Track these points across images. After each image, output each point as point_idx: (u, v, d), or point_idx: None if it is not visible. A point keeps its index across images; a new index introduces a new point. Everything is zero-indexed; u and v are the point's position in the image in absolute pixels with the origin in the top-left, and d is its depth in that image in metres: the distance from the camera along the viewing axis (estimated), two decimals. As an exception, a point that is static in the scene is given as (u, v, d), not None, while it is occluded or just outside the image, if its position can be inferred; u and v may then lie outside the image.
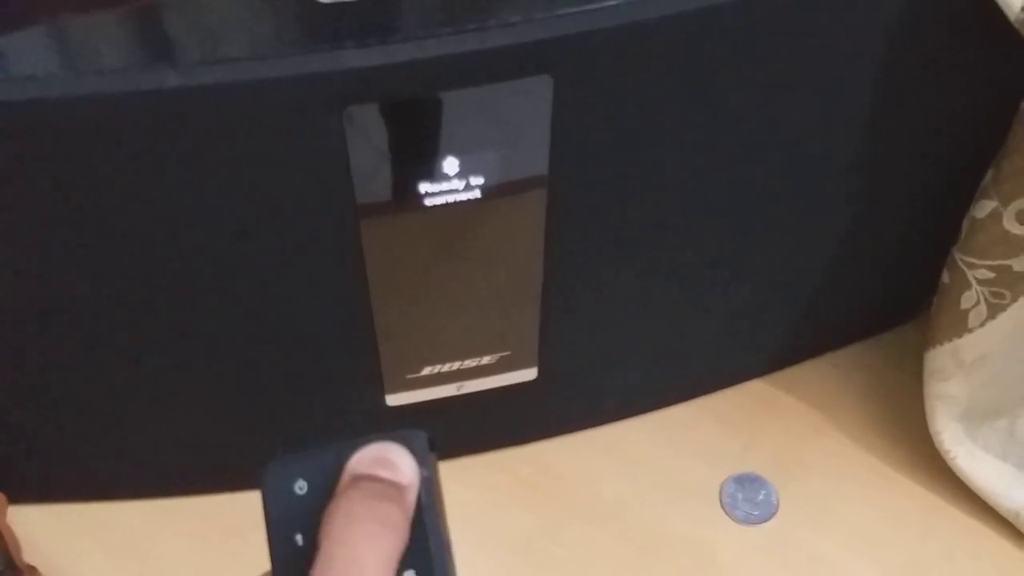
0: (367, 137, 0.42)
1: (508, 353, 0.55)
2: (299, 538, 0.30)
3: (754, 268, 0.58)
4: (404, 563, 0.30)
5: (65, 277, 0.47)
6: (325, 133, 0.41)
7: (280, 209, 0.45)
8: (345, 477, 0.31)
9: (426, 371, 0.54)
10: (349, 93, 0.40)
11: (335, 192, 0.44)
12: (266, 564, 0.31)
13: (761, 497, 0.61)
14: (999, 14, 0.46)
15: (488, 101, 0.42)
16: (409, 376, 0.54)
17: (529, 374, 0.57)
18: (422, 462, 0.31)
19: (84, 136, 0.40)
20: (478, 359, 0.55)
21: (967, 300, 0.55)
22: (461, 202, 0.45)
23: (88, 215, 0.43)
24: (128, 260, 0.46)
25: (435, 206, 0.45)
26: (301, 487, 0.31)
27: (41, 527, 0.59)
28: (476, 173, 0.44)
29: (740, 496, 0.61)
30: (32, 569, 0.56)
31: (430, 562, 0.30)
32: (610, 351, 0.59)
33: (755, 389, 0.67)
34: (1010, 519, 0.59)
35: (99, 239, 0.45)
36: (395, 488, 0.30)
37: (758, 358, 0.66)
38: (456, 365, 0.54)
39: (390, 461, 0.31)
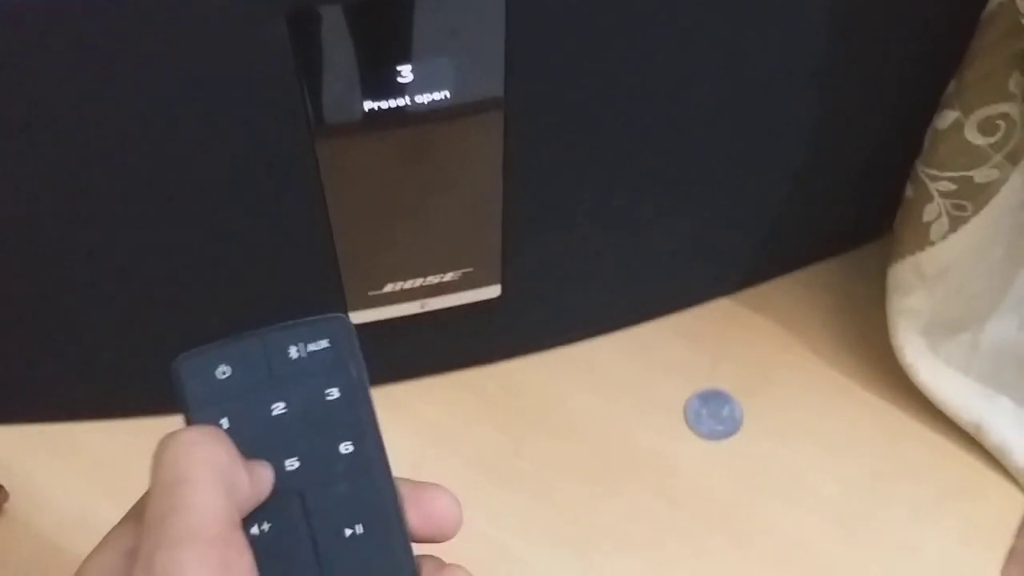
0: (315, 44, 0.41)
1: (471, 270, 0.55)
2: (224, 422, 0.30)
3: (718, 185, 0.58)
4: (340, 435, 0.31)
5: (20, 194, 0.46)
6: (269, 39, 0.41)
7: (232, 125, 0.45)
8: None
9: (388, 288, 0.54)
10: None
11: (285, 104, 0.43)
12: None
13: (726, 413, 0.62)
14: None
15: (442, 4, 0.41)
16: (371, 293, 0.54)
17: (493, 291, 0.57)
18: (346, 344, 0.32)
19: (21, 42, 0.39)
20: (441, 276, 0.54)
21: (929, 213, 0.55)
22: (416, 115, 0.45)
23: (34, 128, 0.43)
24: (79, 178, 0.46)
25: (389, 119, 0.45)
26: (224, 372, 0.31)
27: (8, 447, 0.59)
28: (430, 83, 0.44)
29: (704, 412, 0.62)
30: (-2, 487, 0.56)
31: (362, 431, 0.31)
32: (574, 269, 0.59)
33: (722, 307, 0.67)
34: (971, 432, 0.59)
35: (47, 155, 0.44)
36: None
37: (725, 276, 0.66)
38: (419, 282, 0.54)
39: None
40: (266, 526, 0.29)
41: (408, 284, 0.54)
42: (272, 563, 0.28)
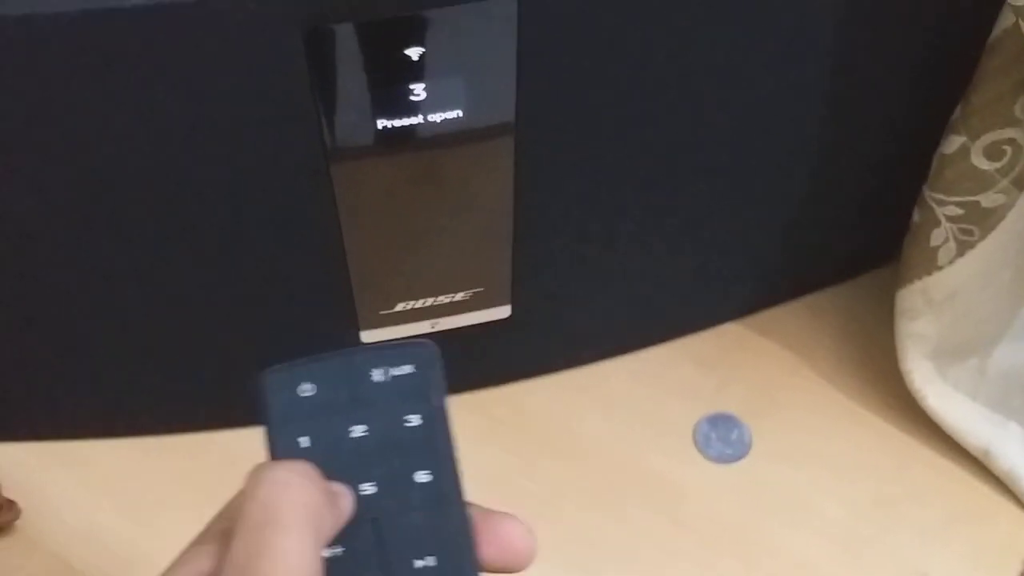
0: (330, 62, 0.42)
1: (481, 290, 0.55)
2: (304, 440, 0.30)
3: (727, 210, 0.58)
4: (417, 464, 0.31)
5: (36, 209, 0.47)
6: (285, 57, 0.41)
7: (247, 144, 0.45)
8: None
9: (400, 307, 0.55)
10: (310, 14, 0.40)
11: (300, 123, 0.44)
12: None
13: (734, 436, 0.62)
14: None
15: (454, 24, 0.42)
16: (383, 312, 0.55)
17: (503, 312, 0.57)
18: (431, 371, 0.31)
19: (41, 57, 0.40)
20: (451, 295, 0.55)
21: (936, 238, 0.55)
22: (428, 134, 0.45)
23: (50, 140, 0.44)
24: (93, 197, 0.47)
25: (402, 138, 0.45)
26: (308, 390, 0.31)
27: (20, 464, 0.59)
28: (443, 102, 0.44)
29: (714, 436, 0.62)
30: (10, 503, 0.56)
31: (441, 461, 0.31)
32: (584, 291, 0.60)
33: (731, 331, 0.67)
34: (979, 457, 0.59)
35: (62, 167, 0.45)
36: None
37: (734, 300, 0.66)
38: (429, 301, 0.55)
39: None
40: (338, 550, 0.29)
41: (419, 303, 0.55)
42: None
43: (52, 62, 0.40)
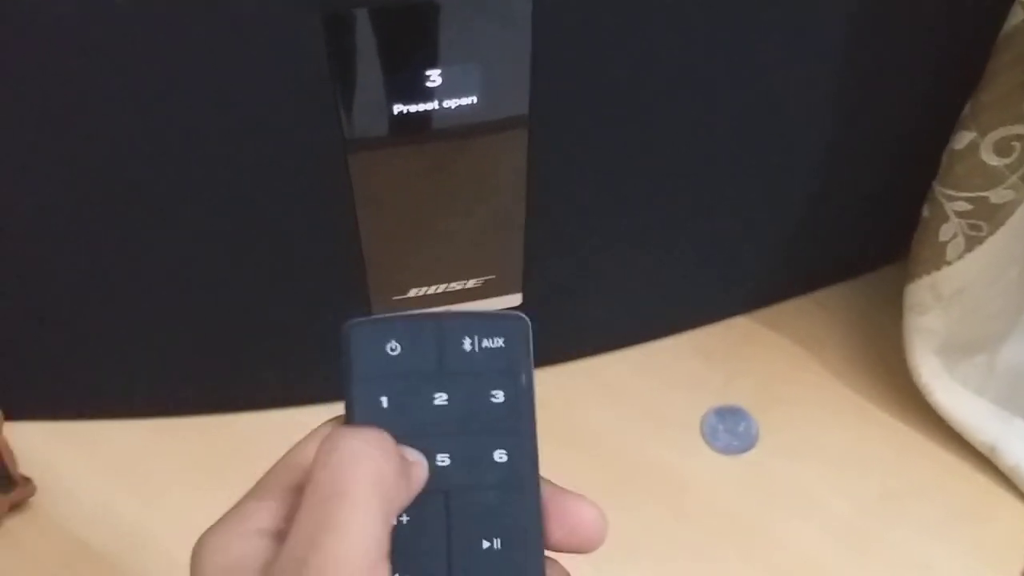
0: (348, 47, 0.42)
1: (493, 277, 0.56)
2: (384, 400, 0.29)
3: (737, 206, 0.59)
4: (496, 442, 0.30)
5: (58, 191, 0.48)
6: (304, 43, 0.42)
7: (264, 125, 0.46)
8: None
9: (412, 293, 0.55)
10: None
11: (318, 109, 0.45)
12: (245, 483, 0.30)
13: (741, 428, 0.62)
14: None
15: (470, 10, 0.42)
16: (395, 297, 0.55)
17: (514, 300, 0.58)
18: (521, 347, 0.30)
19: (57, 41, 0.41)
20: (463, 282, 0.56)
21: (945, 233, 0.55)
22: (444, 120, 0.46)
23: (71, 124, 0.44)
24: (116, 174, 0.47)
25: (418, 123, 0.46)
26: (395, 348, 0.30)
27: (36, 443, 0.60)
28: (458, 88, 0.45)
29: (720, 427, 0.62)
30: (26, 480, 0.57)
31: (520, 443, 0.30)
32: (594, 282, 0.60)
33: (740, 325, 0.68)
34: (985, 453, 0.60)
35: (85, 153, 0.46)
36: None
37: (743, 294, 0.67)
38: (442, 288, 0.55)
39: None
40: (404, 518, 0.29)
41: (432, 290, 0.55)
42: (403, 557, 0.28)
43: (67, 47, 0.41)
